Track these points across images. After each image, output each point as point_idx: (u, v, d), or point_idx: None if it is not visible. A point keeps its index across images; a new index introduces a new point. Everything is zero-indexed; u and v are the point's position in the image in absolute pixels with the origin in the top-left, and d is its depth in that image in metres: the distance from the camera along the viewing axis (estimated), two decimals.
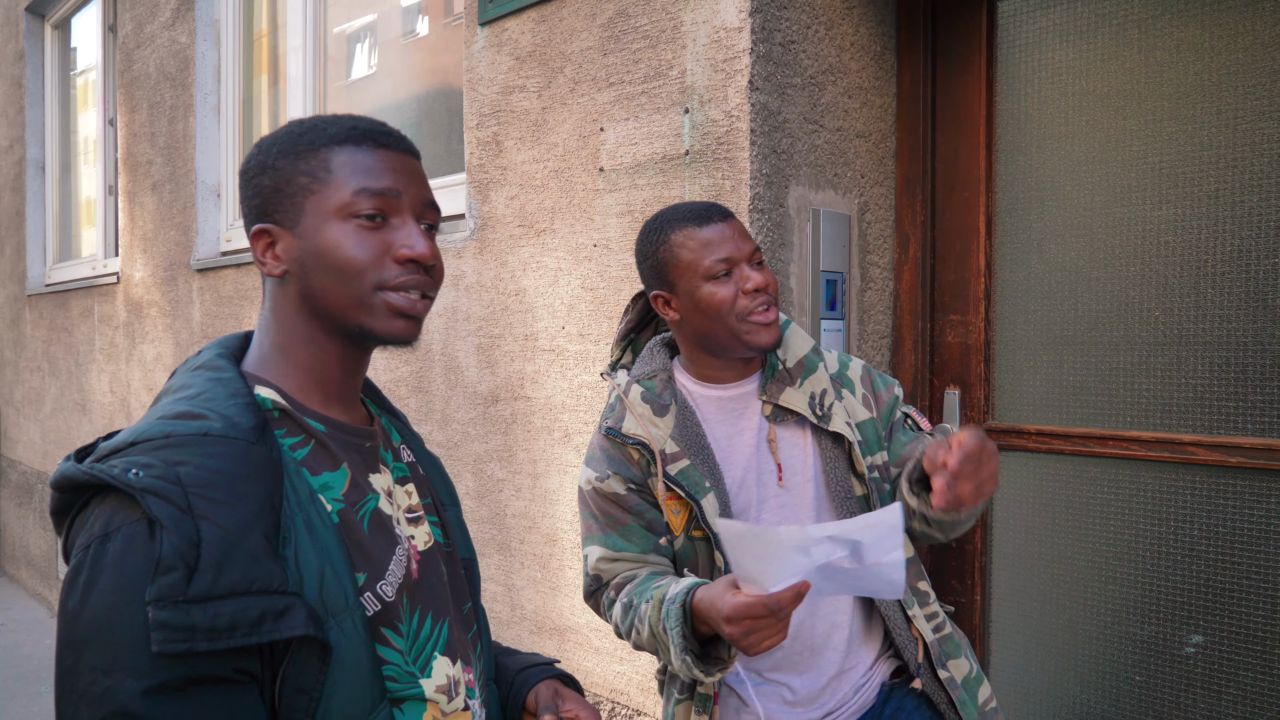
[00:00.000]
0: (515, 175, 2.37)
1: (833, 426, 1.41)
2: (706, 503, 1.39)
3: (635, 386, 1.47)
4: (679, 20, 1.96)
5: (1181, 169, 1.79)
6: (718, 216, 1.41)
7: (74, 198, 5.63)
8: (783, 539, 1.05)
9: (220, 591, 0.76)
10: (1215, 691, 1.76)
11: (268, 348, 0.95)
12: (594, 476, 1.47)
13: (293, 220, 0.92)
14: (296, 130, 0.94)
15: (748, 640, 1.11)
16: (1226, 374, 1.74)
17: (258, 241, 0.93)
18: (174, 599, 0.74)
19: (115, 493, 0.80)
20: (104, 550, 0.78)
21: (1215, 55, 1.75)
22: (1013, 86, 2.01)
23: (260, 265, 0.94)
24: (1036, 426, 1.97)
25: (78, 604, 0.77)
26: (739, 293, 1.37)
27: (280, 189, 0.92)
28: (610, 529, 1.46)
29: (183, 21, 4.00)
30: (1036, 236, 1.98)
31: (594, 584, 1.47)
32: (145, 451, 0.81)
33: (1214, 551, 1.76)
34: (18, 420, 6.03)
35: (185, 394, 0.89)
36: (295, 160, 0.92)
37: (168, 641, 0.73)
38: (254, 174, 0.94)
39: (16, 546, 6.09)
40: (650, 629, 1.30)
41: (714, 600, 1.16)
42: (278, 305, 0.95)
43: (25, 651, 4.76)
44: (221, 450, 0.82)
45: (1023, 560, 2.01)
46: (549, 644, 2.35)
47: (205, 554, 0.76)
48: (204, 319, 3.84)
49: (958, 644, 1.50)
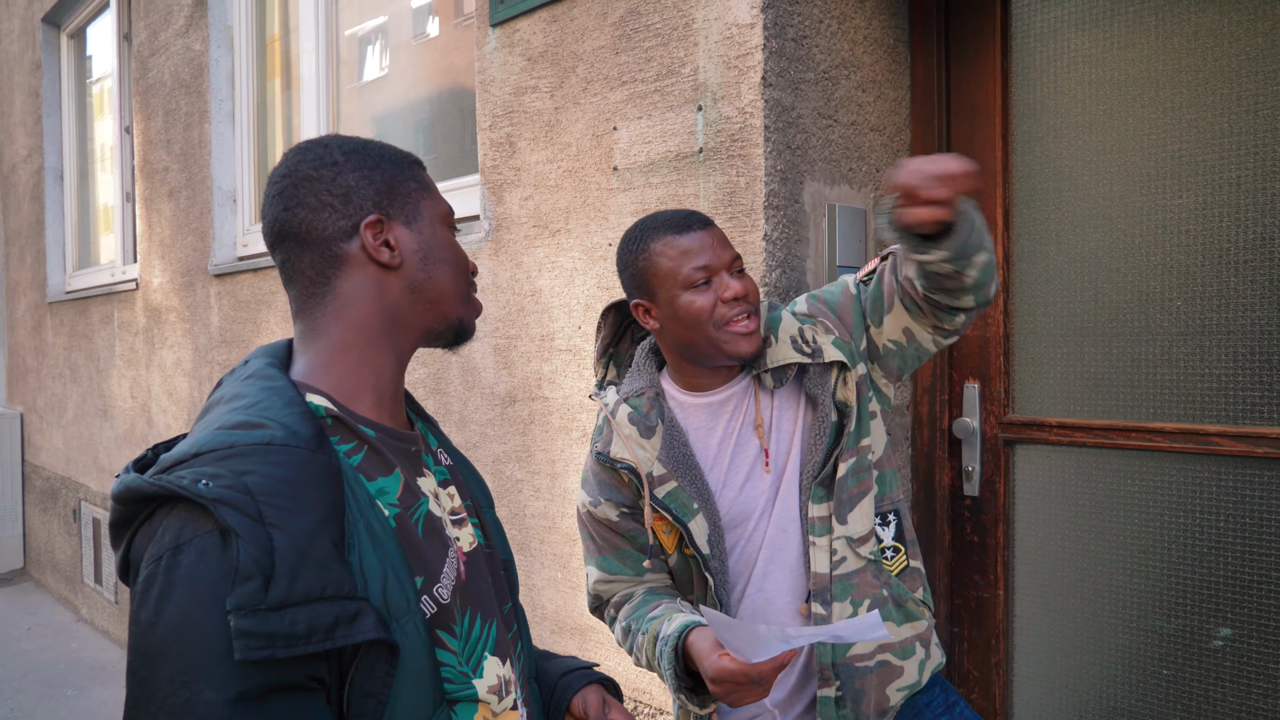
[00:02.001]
0: (529, 176, 2.38)
1: (827, 356, 1.41)
2: (694, 525, 1.40)
3: (623, 407, 1.48)
4: (690, 18, 1.95)
5: (1202, 156, 1.77)
6: (697, 225, 1.40)
7: (92, 205, 5.68)
8: (763, 635, 1.12)
9: (296, 599, 0.77)
10: (1244, 685, 1.75)
11: (323, 352, 0.96)
12: (588, 501, 1.50)
13: (410, 216, 0.99)
14: (380, 146, 1.02)
15: (730, 699, 1.18)
16: (1251, 363, 1.72)
17: (370, 231, 0.96)
18: (254, 607, 0.75)
19: (183, 504, 0.80)
20: (176, 562, 0.78)
21: (1234, 40, 1.73)
22: (1028, 76, 1.99)
23: (375, 254, 0.96)
24: (1058, 419, 1.95)
25: (152, 615, 0.77)
26: (717, 301, 1.37)
27: (394, 187, 0.99)
28: (606, 551, 1.50)
29: (196, 28, 4.02)
30: (1055, 227, 1.96)
31: (595, 602, 1.53)
32: (211, 462, 0.82)
33: (1241, 543, 1.75)
34: (41, 426, 6.09)
35: (240, 403, 0.89)
36: (399, 169, 1.01)
37: (250, 649, 0.74)
38: (357, 168, 0.98)
39: (42, 551, 6.15)
40: (647, 660, 1.37)
41: (700, 658, 1.23)
42: (359, 301, 0.96)
43: (52, 656, 4.81)
44: (285, 459, 0.83)
45: (1046, 554, 2.00)
46: (570, 644, 2.35)
47: (279, 562, 0.77)
48: (222, 324, 3.86)
49: (848, 588, 1.40)
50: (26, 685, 4.38)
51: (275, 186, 0.97)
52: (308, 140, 1.01)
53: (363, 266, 0.96)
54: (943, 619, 2.12)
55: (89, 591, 5.35)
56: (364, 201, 0.96)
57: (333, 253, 0.95)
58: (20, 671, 4.57)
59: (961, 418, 2.06)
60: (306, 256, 0.95)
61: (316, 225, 0.95)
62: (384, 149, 1.01)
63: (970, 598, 2.08)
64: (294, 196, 0.95)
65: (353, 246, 0.95)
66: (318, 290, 0.96)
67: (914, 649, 1.46)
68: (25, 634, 5.21)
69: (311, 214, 0.95)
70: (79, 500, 5.46)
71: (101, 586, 5.16)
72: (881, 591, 1.44)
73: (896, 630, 1.44)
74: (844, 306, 1.47)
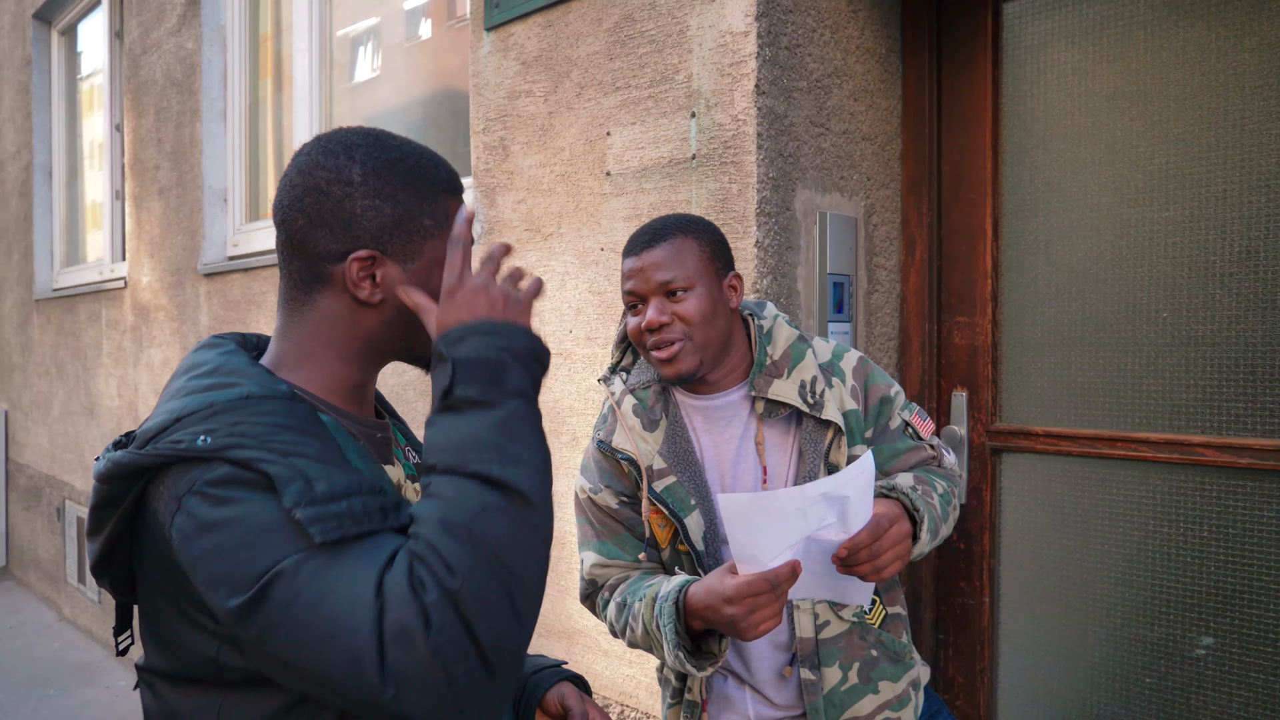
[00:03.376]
0: (522, 180, 2.38)
1: (825, 414, 1.39)
2: (690, 521, 1.40)
3: (629, 398, 1.48)
4: (685, 25, 1.96)
5: (1189, 170, 1.79)
6: (640, 246, 1.40)
7: (80, 202, 5.65)
8: (783, 501, 1.13)
9: (340, 493, 0.80)
10: (1226, 693, 1.76)
11: (292, 351, 0.96)
12: (589, 487, 1.50)
13: (409, 256, 0.94)
14: (415, 166, 0.95)
15: (749, 620, 1.16)
16: (1235, 375, 1.74)
17: (356, 265, 0.92)
18: (309, 500, 0.78)
19: (177, 465, 0.81)
20: (196, 500, 0.80)
21: (1222, 56, 1.75)
22: (1019, 88, 2.01)
23: (353, 288, 0.92)
24: (1044, 428, 1.97)
25: (209, 543, 0.79)
26: (640, 327, 1.39)
27: (402, 224, 0.93)
28: (605, 536, 1.49)
29: (189, 27, 4.01)
30: (1043, 238, 1.98)
31: (589, 588, 1.52)
32: (197, 422, 0.82)
33: (1224, 553, 1.76)
34: (26, 424, 6.05)
35: (203, 369, 0.90)
36: (420, 200, 0.94)
37: (327, 531, 0.77)
38: (369, 196, 0.92)
39: (25, 550, 6.11)
40: (644, 626, 1.34)
41: (712, 586, 1.21)
42: (336, 322, 0.94)
43: (35, 654, 4.78)
44: (269, 408, 0.84)
45: (1031, 562, 2.01)
46: (558, 646, 2.35)
47: (309, 471, 0.80)
48: (211, 323, 3.85)
49: (835, 653, 1.42)
50: (8, 685, 4.35)
51: (290, 177, 0.94)
52: (339, 136, 0.95)
53: (343, 293, 0.93)
54: (928, 626, 2.13)
55: (72, 591, 5.32)
56: (362, 234, 0.92)
57: (319, 270, 0.93)
58: (2, 671, 4.53)
59: (949, 426, 2.07)
60: (297, 260, 0.94)
61: (310, 238, 0.92)
62: (412, 173, 0.95)
63: (956, 604, 2.09)
64: (300, 200, 0.93)
65: (338, 270, 0.93)
66: (300, 295, 0.95)
67: (909, 698, 1.48)
68: (7, 633, 5.17)
69: (309, 225, 0.92)
70: (63, 499, 5.42)
71: (84, 586, 5.13)
72: (871, 652, 1.44)
73: (894, 686, 1.45)
74: (872, 396, 1.47)
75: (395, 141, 0.96)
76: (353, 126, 0.97)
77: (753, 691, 1.45)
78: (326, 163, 0.92)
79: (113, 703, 4.14)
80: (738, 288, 1.44)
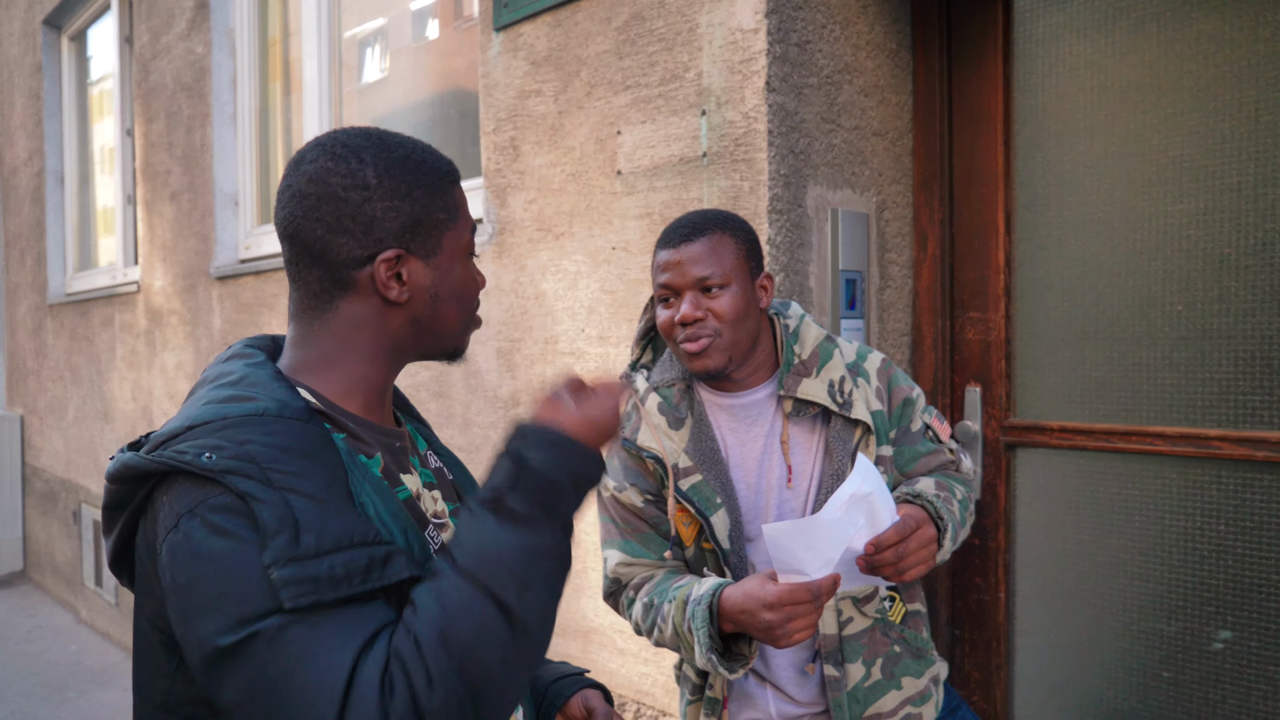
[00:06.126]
0: (533, 179, 2.38)
1: (855, 414, 1.40)
2: (716, 520, 1.40)
3: (653, 395, 1.48)
4: (694, 23, 1.96)
5: (1203, 162, 1.78)
6: (678, 239, 1.40)
7: (92, 207, 5.68)
8: (824, 521, 1.16)
9: (327, 547, 0.79)
10: (1244, 687, 1.75)
11: (313, 358, 0.95)
12: (613, 485, 1.49)
13: (430, 250, 0.95)
14: (422, 161, 0.95)
15: (785, 628, 1.17)
16: (1251, 368, 1.73)
17: (384, 266, 0.92)
18: (289, 558, 0.77)
19: (184, 477, 0.81)
20: (196, 523, 0.79)
21: (1236, 47, 1.74)
22: (1030, 82, 2.00)
23: (383, 290, 0.92)
24: (1059, 423, 1.96)
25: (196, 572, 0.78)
26: (673, 320, 1.39)
27: (421, 220, 0.94)
28: (629, 535, 1.49)
29: (198, 31, 4.03)
30: (1056, 232, 1.97)
31: (613, 586, 1.50)
32: (206, 434, 0.82)
33: (1241, 546, 1.76)
34: (41, 429, 6.09)
35: (227, 380, 0.90)
36: (433, 194, 0.95)
37: (298, 596, 0.76)
38: (387, 197, 0.92)
39: (42, 553, 6.15)
40: (674, 628, 1.33)
41: (750, 591, 1.22)
42: (362, 326, 0.94)
43: (53, 658, 4.81)
44: (280, 428, 0.84)
45: (1046, 557, 2.01)
46: (574, 646, 2.36)
47: (301, 519, 0.79)
48: (224, 326, 3.87)
49: (859, 649, 1.43)
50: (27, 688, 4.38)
51: (297, 188, 0.92)
52: (339, 140, 0.94)
53: (369, 296, 0.93)
54: (944, 621, 2.13)
55: (89, 594, 5.35)
56: (386, 235, 0.91)
57: (342, 277, 0.92)
58: (20, 674, 4.56)
59: (963, 421, 2.07)
60: (315, 270, 0.92)
61: (332, 246, 0.91)
62: (421, 168, 0.95)
63: (971, 600, 2.09)
64: (314, 209, 0.91)
65: (363, 274, 0.92)
66: (320, 304, 0.94)
67: (931, 693, 1.48)
68: (25, 636, 5.20)
69: (329, 234, 0.91)
70: (79, 503, 5.46)
71: (102, 589, 5.16)
72: (894, 648, 1.45)
73: (916, 682, 1.46)
74: (895, 398, 1.48)
75: (397, 139, 0.96)
76: (347, 128, 0.96)
77: (773, 688, 1.45)
78: (338, 168, 0.90)
79: (131, 706, 4.17)
80: (768, 288, 1.44)
